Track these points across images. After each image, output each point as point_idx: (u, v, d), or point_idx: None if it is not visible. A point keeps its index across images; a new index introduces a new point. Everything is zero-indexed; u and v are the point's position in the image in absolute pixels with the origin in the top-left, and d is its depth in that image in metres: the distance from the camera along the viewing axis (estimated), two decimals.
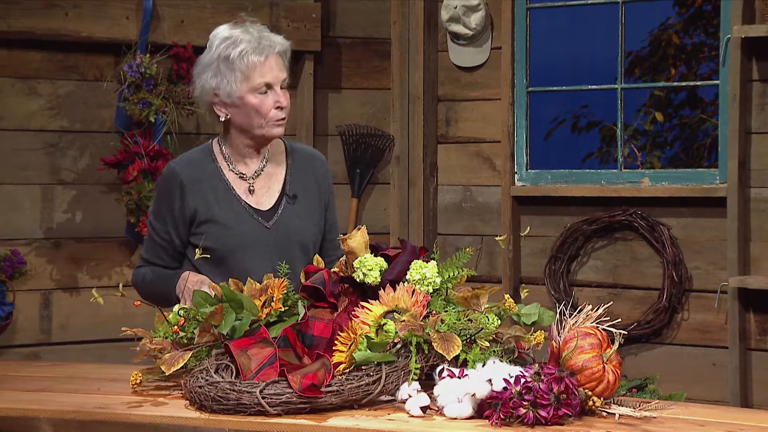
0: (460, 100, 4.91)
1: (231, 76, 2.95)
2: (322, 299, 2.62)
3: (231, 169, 3.05)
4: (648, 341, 4.56)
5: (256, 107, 2.96)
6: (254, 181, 3.05)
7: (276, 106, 2.97)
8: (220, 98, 2.99)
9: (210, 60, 3.00)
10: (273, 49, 2.96)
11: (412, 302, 2.53)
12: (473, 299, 2.59)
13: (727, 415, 2.49)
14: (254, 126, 2.98)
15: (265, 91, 2.96)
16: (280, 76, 2.97)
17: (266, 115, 2.97)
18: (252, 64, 2.94)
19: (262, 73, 2.95)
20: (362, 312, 2.52)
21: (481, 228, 4.88)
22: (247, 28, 3.01)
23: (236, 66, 2.95)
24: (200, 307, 2.61)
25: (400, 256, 2.65)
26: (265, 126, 2.98)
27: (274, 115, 2.98)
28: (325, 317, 2.57)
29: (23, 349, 4.43)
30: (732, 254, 4.29)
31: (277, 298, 2.61)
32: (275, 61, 2.97)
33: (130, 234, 4.47)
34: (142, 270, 3.10)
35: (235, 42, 2.97)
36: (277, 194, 3.06)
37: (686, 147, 7.22)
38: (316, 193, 3.12)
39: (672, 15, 7.21)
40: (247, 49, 2.95)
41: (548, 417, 2.27)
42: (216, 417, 2.39)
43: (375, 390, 2.41)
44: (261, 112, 2.97)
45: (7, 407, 2.54)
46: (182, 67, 4.42)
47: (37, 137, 4.45)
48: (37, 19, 4.34)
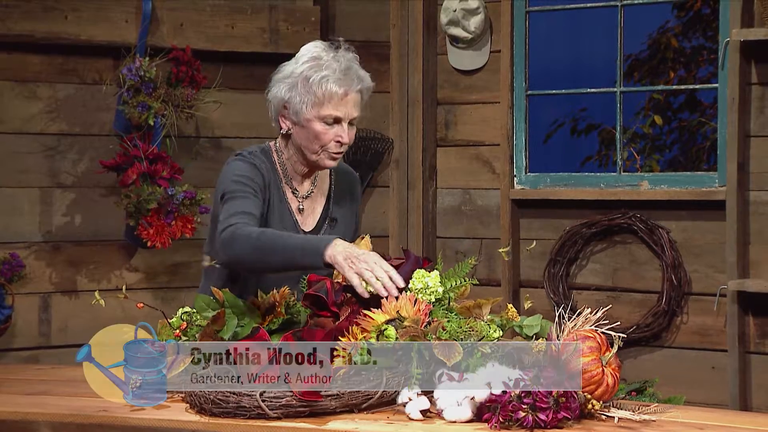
0: (459, 103, 4.91)
1: (305, 96, 2.92)
2: (324, 308, 2.62)
3: (286, 182, 3.04)
4: (647, 344, 4.56)
5: (317, 134, 2.94)
6: (304, 200, 3.06)
7: (337, 139, 2.95)
8: (288, 112, 2.96)
9: (291, 72, 2.95)
10: (355, 85, 2.93)
11: (414, 311, 2.53)
12: (476, 309, 2.60)
13: (726, 419, 2.50)
14: (310, 150, 2.97)
15: (332, 122, 2.94)
16: (351, 113, 2.94)
17: (325, 145, 2.95)
18: (329, 93, 2.91)
19: (335, 105, 2.92)
20: (364, 320, 2.52)
21: (480, 231, 4.88)
22: (338, 55, 2.95)
23: (313, 89, 2.91)
24: (202, 312, 2.61)
25: (403, 266, 2.65)
26: (320, 154, 2.97)
27: (332, 147, 2.96)
28: (327, 326, 2.57)
29: (22, 352, 4.43)
30: (731, 257, 4.29)
31: (279, 305, 2.61)
32: (352, 98, 2.93)
33: (129, 237, 4.47)
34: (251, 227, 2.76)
35: (320, 66, 2.92)
36: (320, 216, 3.07)
37: (685, 150, 7.23)
38: (350, 212, 3.13)
39: (671, 18, 7.22)
40: (330, 77, 2.91)
41: (547, 420, 2.27)
42: (215, 420, 2.39)
43: (375, 394, 2.41)
44: (321, 140, 2.94)
45: (7, 411, 2.54)
46: (181, 70, 4.42)
47: (37, 140, 4.45)
48: (37, 23, 4.34)
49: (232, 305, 2.58)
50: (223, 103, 4.59)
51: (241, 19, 4.64)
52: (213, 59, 4.57)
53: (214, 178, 4.68)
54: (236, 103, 4.71)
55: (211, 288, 2.70)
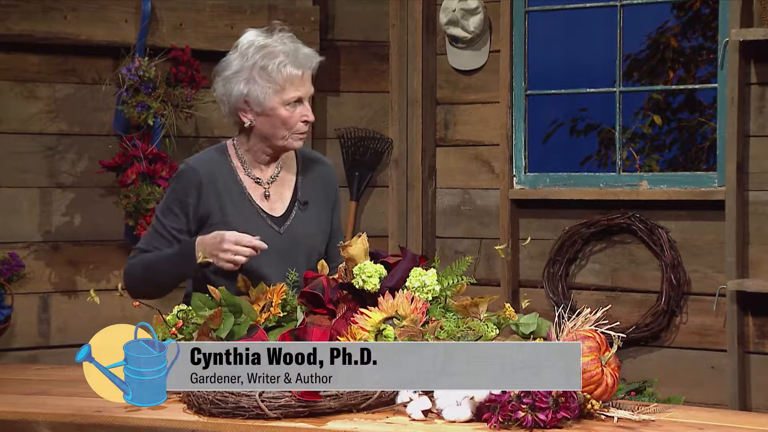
0: (458, 103, 4.91)
1: (266, 85, 2.96)
2: (320, 306, 2.62)
3: (247, 173, 3.07)
4: (646, 344, 4.56)
5: (284, 119, 2.99)
6: (269, 186, 3.08)
7: (303, 119, 3.00)
8: (250, 105, 2.99)
9: (243, 66, 2.98)
10: (309, 64, 2.99)
11: (412, 309, 2.53)
12: (472, 307, 2.59)
13: (725, 418, 2.50)
14: (278, 137, 3.01)
15: (294, 104, 2.99)
16: (310, 90, 3.02)
17: (292, 127, 3.01)
18: (289, 76, 2.96)
19: (296, 86, 2.98)
20: (361, 318, 2.52)
21: (479, 231, 4.88)
22: (282, 38, 3.00)
23: (272, 77, 2.96)
24: (199, 310, 2.61)
25: (400, 264, 2.65)
26: (288, 138, 3.02)
27: (299, 128, 3.02)
28: (323, 323, 2.57)
29: (21, 352, 4.43)
30: (730, 257, 4.29)
31: (276, 304, 2.61)
32: (308, 76, 3.00)
33: (128, 237, 4.47)
34: (137, 258, 3.06)
35: (273, 53, 2.97)
36: (289, 200, 3.09)
37: (685, 150, 7.22)
38: (324, 199, 3.15)
39: (670, 18, 7.21)
40: (285, 61, 2.96)
41: (547, 420, 2.27)
42: (214, 420, 2.39)
43: (374, 395, 2.41)
44: (288, 124, 3.00)
45: (6, 410, 2.54)
46: (181, 70, 4.42)
47: (36, 140, 4.45)
48: (36, 23, 4.34)
49: (229, 303, 2.58)
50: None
51: (240, 19, 4.64)
52: (212, 59, 4.50)
53: None
54: None
55: (208, 286, 2.71)
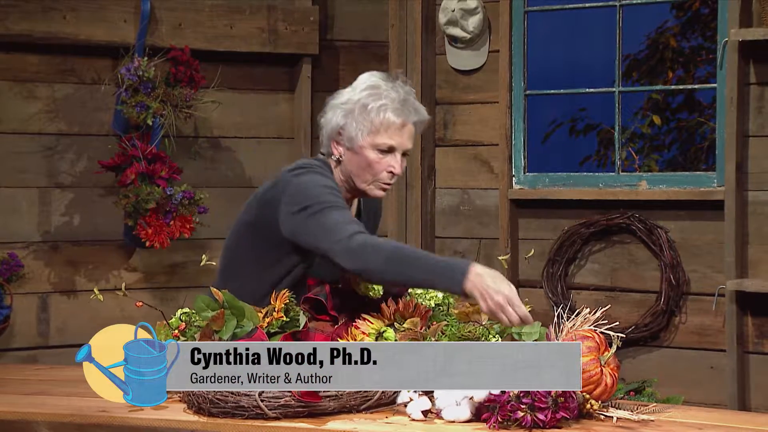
0: (458, 103, 4.91)
1: (361, 123, 2.89)
2: (323, 312, 2.62)
3: None
4: (646, 344, 4.56)
5: (370, 162, 2.90)
6: None
7: (389, 170, 2.91)
8: (342, 139, 2.92)
9: (348, 99, 2.93)
10: (412, 117, 2.91)
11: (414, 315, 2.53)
12: (475, 314, 2.60)
13: (724, 418, 2.50)
14: (360, 179, 2.92)
15: (386, 151, 2.90)
16: (406, 144, 2.92)
17: (377, 174, 2.91)
18: (386, 121, 2.88)
19: (391, 134, 2.89)
20: (363, 323, 2.52)
21: (478, 231, 4.88)
22: (397, 86, 2.93)
23: (370, 117, 2.88)
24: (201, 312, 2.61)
25: None
26: (371, 184, 2.93)
27: (383, 177, 2.92)
28: (325, 329, 2.57)
29: (21, 352, 4.42)
30: (729, 257, 4.29)
31: (278, 308, 2.61)
32: (408, 129, 2.91)
33: (127, 237, 4.46)
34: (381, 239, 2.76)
35: (379, 94, 2.90)
36: None
37: (684, 150, 7.23)
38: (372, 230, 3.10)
39: (670, 18, 7.22)
40: (388, 106, 2.89)
41: (546, 420, 2.27)
42: (213, 420, 2.39)
43: (374, 396, 2.41)
44: (373, 169, 2.90)
45: (5, 411, 2.54)
46: (180, 70, 4.41)
47: (35, 140, 4.44)
48: (35, 23, 4.33)
49: (231, 306, 2.58)
50: (221, 103, 4.59)
51: (239, 19, 4.64)
52: (211, 59, 4.57)
53: (213, 178, 4.74)
54: (235, 102, 4.71)
55: (211, 288, 2.69)
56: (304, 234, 2.78)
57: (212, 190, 4.55)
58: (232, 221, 4.75)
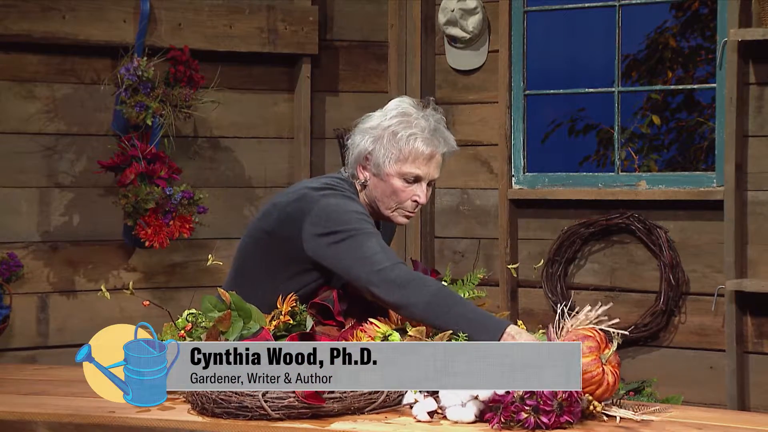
0: (457, 103, 4.91)
1: (390, 150, 2.86)
2: (330, 317, 2.62)
3: None
4: (645, 344, 4.56)
5: (395, 189, 2.88)
6: None
7: (414, 199, 2.89)
8: (369, 164, 2.90)
9: (378, 124, 2.90)
10: (441, 147, 2.88)
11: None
12: None
13: (724, 418, 2.50)
14: (384, 206, 2.91)
15: (412, 181, 2.88)
16: (432, 174, 2.89)
17: (402, 202, 2.89)
18: (415, 151, 2.85)
19: (419, 164, 2.86)
20: (370, 328, 2.52)
21: (478, 231, 4.88)
22: (428, 114, 2.90)
23: (399, 145, 2.85)
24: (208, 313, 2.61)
25: None
26: (395, 211, 2.91)
27: (408, 206, 2.90)
28: (332, 334, 2.57)
29: (20, 352, 4.42)
30: (729, 257, 4.29)
31: (285, 312, 2.60)
32: (436, 159, 2.88)
33: (127, 237, 4.46)
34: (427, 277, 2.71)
35: (409, 123, 2.87)
36: None
37: (683, 150, 7.23)
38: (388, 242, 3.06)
39: (669, 18, 7.22)
40: (418, 135, 2.85)
41: (549, 423, 2.27)
42: (215, 420, 2.39)
43: (379, 397, 2.41)
44: (398, 197, 2.88)
45: (4, 411, 2.54)
46: (179, 70, 4.41)
47: (35, 140, 4.44)
48: (35, 23, 4.33)
49: (239, 308, 2.57)
50: (221, 102, 4.59)
51: (239, 19, 4.64)
52: (211, 59, 4.57)
53: (212, 178, 4.74)
54: (234, 103, 4.71)
55: (218, 288, 2.68)
56: (332, 258, 2.75)
57: (212, 190, 4.55)
58: (231, 221, 4.75)
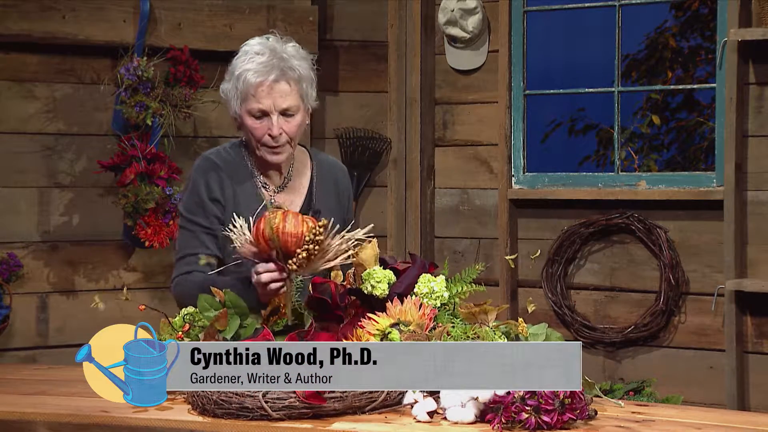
0: (457, 103, 4.91)
1: (234, 91, 2.85)
2: (328, 311, 2.62)
3: (256, 176, 2.94)
4: (645, 344, 4.56)
5: (250, 129, 2.85)
6: (277, 194, 2.95)
7: (268, 133, 2.83)
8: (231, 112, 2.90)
9: (230, 68, 2.88)
10: (276, 75, 2.80)
11: (419, 315, 2.53)
12: (481, 315, 2.59)
13: (724, 418, 2.49)
14: (254, 148, 2.89)
15: (260, 116, 2.83)
16: (279, 104, 2.82)
17: (260, 139, 2.85)
18: (249, 85, 2.81)
19: (258, 97, 2.81)
20: (368, 323, 2.52)
21: (478, 231, 4.88)
22: (267, 44, 2.84)
23: (239, 83, 2.83)
24: (204, 312, 2.61)
25: (409, 270, 2.65)
26: (261, 150, 2.87)
27: (266, 141, 2.85)
28: (331, 329, 2.56)
29: (20, 352, 4.42)
30: (729, 257, 4.29)
31: (283, 308, 2.60)
32: (278, 88, 2.81)
33: (127, 237, 4.46)
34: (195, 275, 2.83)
35: (245, 59, 2.84)
36: (299, 208, 2.95)
37: (683, 150, 7.23)
38: (337, 206, 3.02)
39: (669, 18, 7.22)
40: (250, 69, 2.80)
41: (551, 422, 2.26)
42: (215, 421, 2.38)
43: (379, 397, 2.41)
44: (255, 135, 2.85)
45: (4, 411, 2.54)
46: (179, 70, 4.41)
47: (34, 140, 4.44)
48: (34, 22, 4.33)
49: (234, 305, 2.58)
50: (220, 102, 4.56)
51: (239, 19, 4.64)
52: (211, 59, 4.56)
53: None
54: None
55: (212, 288, 2.68)
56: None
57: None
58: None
